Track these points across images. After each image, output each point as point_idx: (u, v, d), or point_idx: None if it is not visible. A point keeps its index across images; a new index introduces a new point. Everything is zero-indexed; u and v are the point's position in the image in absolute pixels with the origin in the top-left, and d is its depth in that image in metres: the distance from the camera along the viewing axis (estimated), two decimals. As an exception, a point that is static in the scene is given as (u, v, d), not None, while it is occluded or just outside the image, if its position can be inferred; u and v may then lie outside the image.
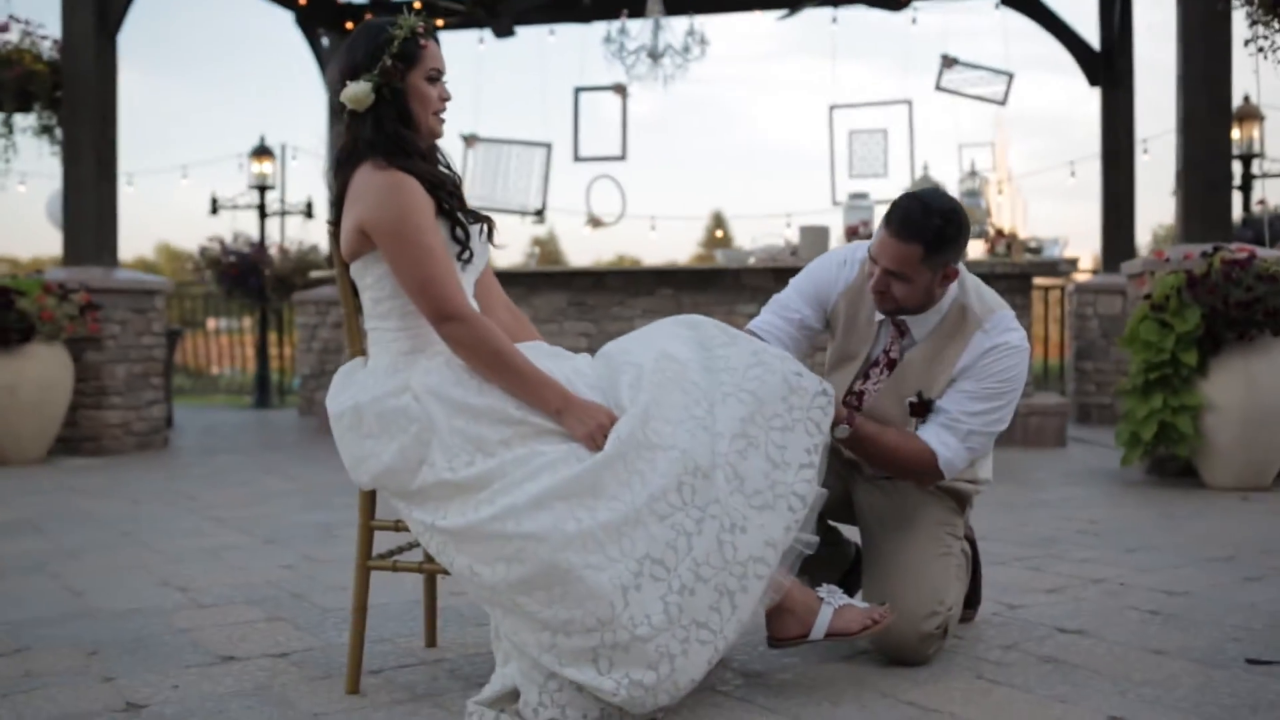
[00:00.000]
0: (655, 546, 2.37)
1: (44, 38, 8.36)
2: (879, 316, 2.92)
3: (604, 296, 9.27)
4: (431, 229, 2.54)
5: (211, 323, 17.04)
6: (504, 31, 10.84)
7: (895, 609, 2.76)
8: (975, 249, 8.71)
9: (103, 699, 2.59)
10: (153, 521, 5.11)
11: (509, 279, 9.48)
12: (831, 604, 2.63)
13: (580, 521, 2.35)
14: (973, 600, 3.22)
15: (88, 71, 8.11)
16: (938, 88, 10.17)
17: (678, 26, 9.63)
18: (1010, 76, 10.11)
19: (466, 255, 2.62)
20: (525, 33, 11.34)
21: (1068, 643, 3.00)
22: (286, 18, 11.05)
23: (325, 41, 11.53)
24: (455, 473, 2.41)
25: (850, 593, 3.15)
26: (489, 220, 2.78)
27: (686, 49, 9.41)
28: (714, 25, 10.41)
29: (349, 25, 11.37)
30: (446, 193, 2.62)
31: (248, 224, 19.02)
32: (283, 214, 13.32)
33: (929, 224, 2.70)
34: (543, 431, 2.48)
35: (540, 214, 11.82)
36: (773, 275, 8.32)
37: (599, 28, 10.45)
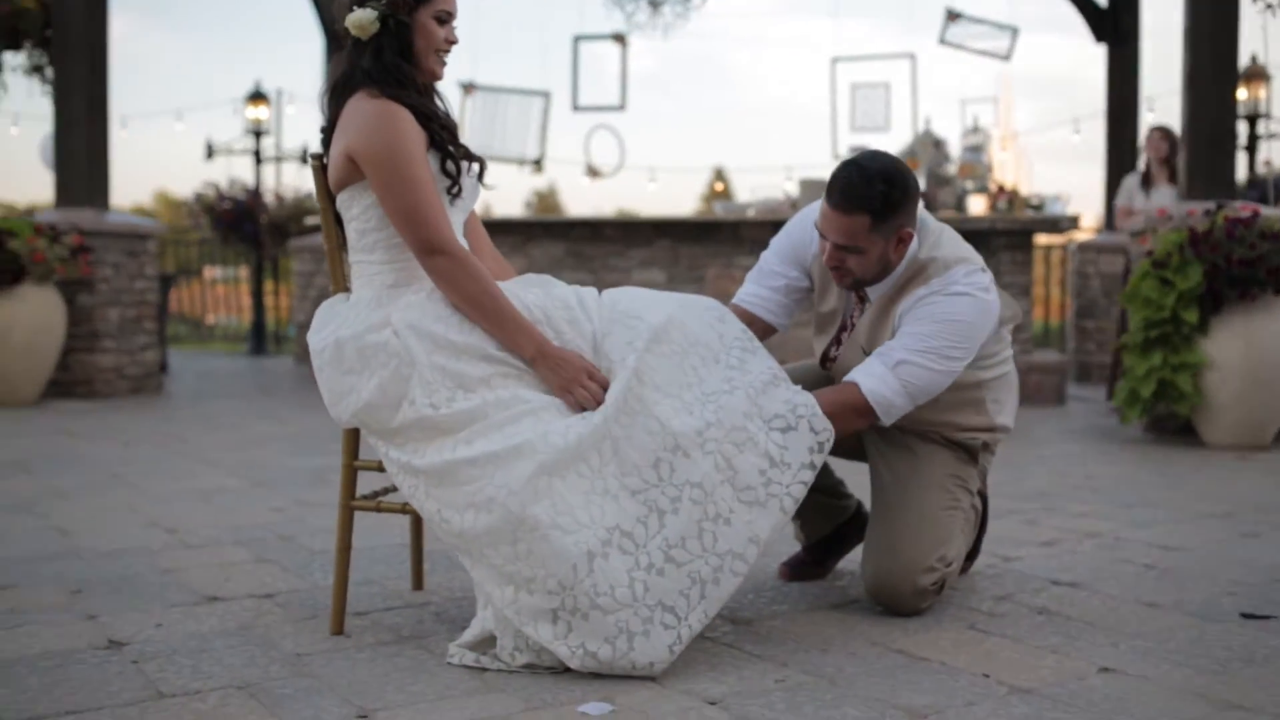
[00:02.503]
0: (625, 519, 2.33)
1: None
2: None
3: (601, 247, 9.20)
4: (421, 160, 2.48)
5: (209, 271, 16.95)
6: (504, -23, 10.68)
7: (894, 560, 2.72)
8: (976, 204, 8.65)
9: (86, 636, 2.56)
10: (143, 464, 5.07)
11: (506, 228, 9.41)
12: None
13: (551, 478, 2.30)
14: (971, 553, 3.19)
15: (77, 8, 7.98)
16: (941, 41, 10.05)
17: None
18: (1014, 31, 9.99)
19: (456, 190, 2.56)
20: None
21: (1062, 595, 2.97)
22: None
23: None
24: (436, 410, 2.37)
25: (841, 550, 3.11)
26: (481, 160, 2.73)
27: (688, -2, 9.28)
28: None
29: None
30: (439, 126, 2.56)
31: (243, 170, 18.89)
32: (278, 160, 13.21)
33: (872, 191, 2.57)
34: (525, 372, 2.43)
35: (538, 164, 11.74)
36: (771, 228, 8.22)
37: (599, -26, 10.34)
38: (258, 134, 12.83)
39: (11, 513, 3.95)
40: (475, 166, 2.68)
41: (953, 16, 10.02)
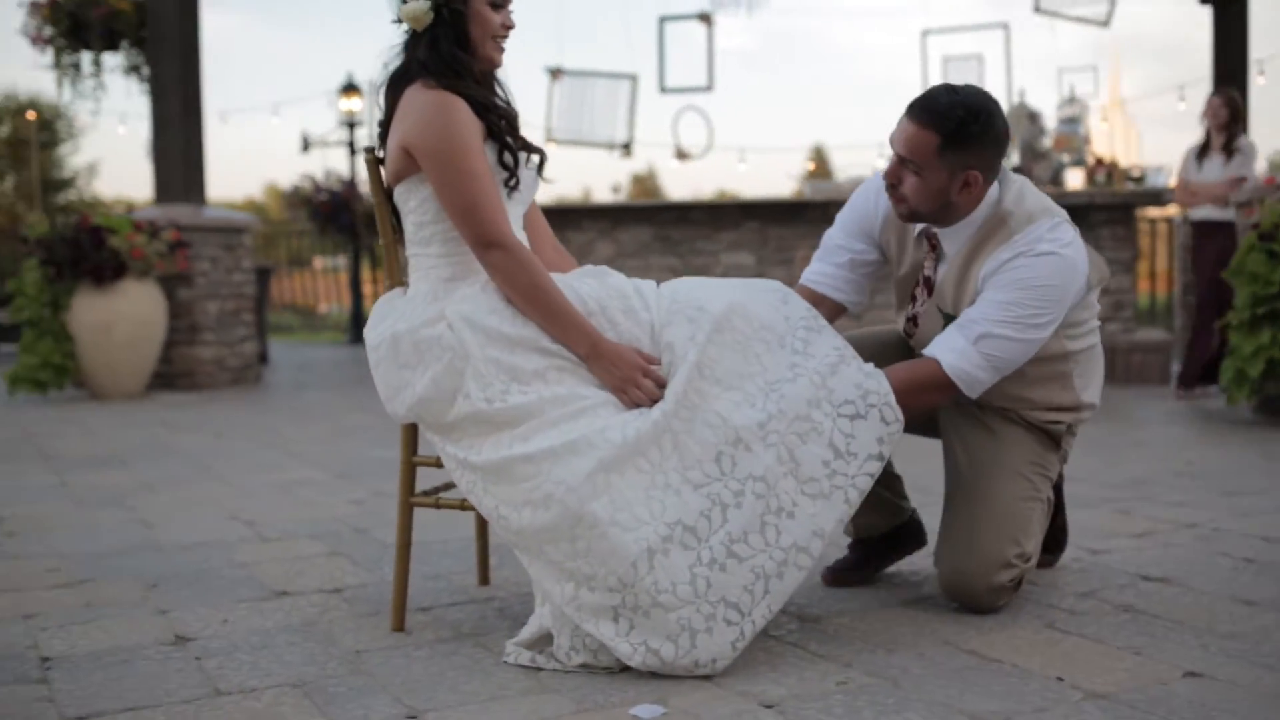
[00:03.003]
0: (688, 513, 2.27)
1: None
2: (917, 229, 2.70)
3: (689, 230, 9.13)
4: (478, 151, 2.45)
5: (318, 261, 17.28)
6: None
7: (970, 555, 2.61)
8: (1074, 178, 8.38)
9: (154, 632, 2.59)
10: (233, 456, 5.16)
11: (595, 214, 9.39)
12: None
13: (610, 474, 2.26)
14: (1052, 544, 3.06)
15: (170, 8, 8.15)
16: (1036, 10, 9.73)
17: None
18: (1115, -4, 9.63)
19: (513, 182, 2.52)
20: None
21: (1150, 591, 2.84)
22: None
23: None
24: (490, 404, 2.33)
25: (889, 555, 2.99)
26: (541, 152, 2.68)
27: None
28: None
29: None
30: (497, 116, 2.52)
31: (339, 161, 19.19)
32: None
33: (951, 113, 2.44)
34: (580, 364, 2.39)
35: (627, 147, 11.69)
36: (862, 208, 8.08)
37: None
38: (351, 125, 13.00)
39: (101, 506, 4.04)
40: (535, 158, 2.64)
41: (1049, -17, 9.69)
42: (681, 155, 11.93)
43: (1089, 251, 2.65)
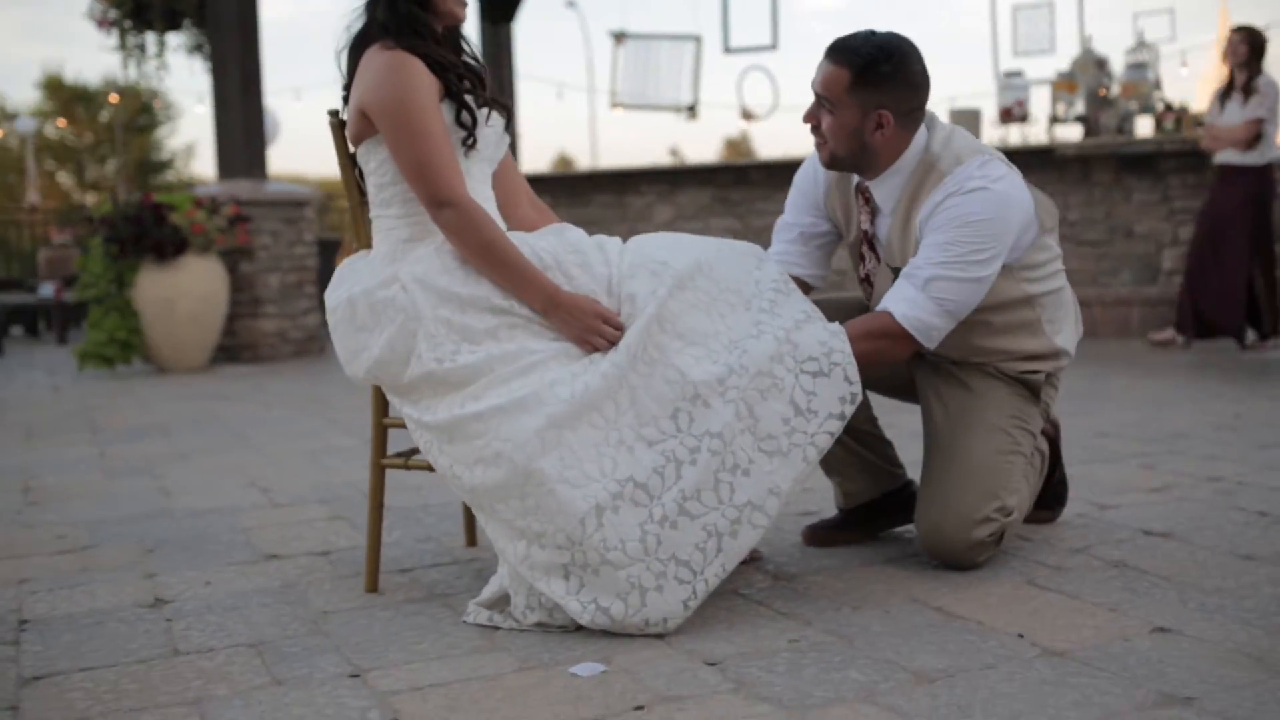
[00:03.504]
0: (639, 470, 2.24)
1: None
2: (855, 187, 2.68)
3: (748, 191, 9.04)
4: (432, 110, 2.43)
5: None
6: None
7: (945, 510, 2.56)
8: (1144, 126, 8.09)
9: (135, 595, 2.65)
10: (274, 424, 5.25)
11: (652, 177, 9.35)
12: None
13: (561, 430, 2.24)
14: (1051, 500, 2.97)
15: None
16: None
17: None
18: (1191, -65, 9.24)
19: (470, 141, 2.50)
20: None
21: (1147, 546, 2.74)
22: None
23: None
24: (441, 364, 2.33)
25: (879, 523, 2.91)
26: (507, 108, 2.66)
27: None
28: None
29: (494, -74, 11.26)
30: (455, 75, 2.51)
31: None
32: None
33: (863, 50, 2.48)
34: (531, 321, 2.37)
35: (693, 109, 11.60)
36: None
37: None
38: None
39: (129, 475, 4.14)
40: (501, 115, 2.61)
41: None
42: (747, 116, 11.80)
43: (1034, 192, 2.60)
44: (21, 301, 11.16)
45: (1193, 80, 13.17)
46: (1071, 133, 8.29)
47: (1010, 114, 7.98)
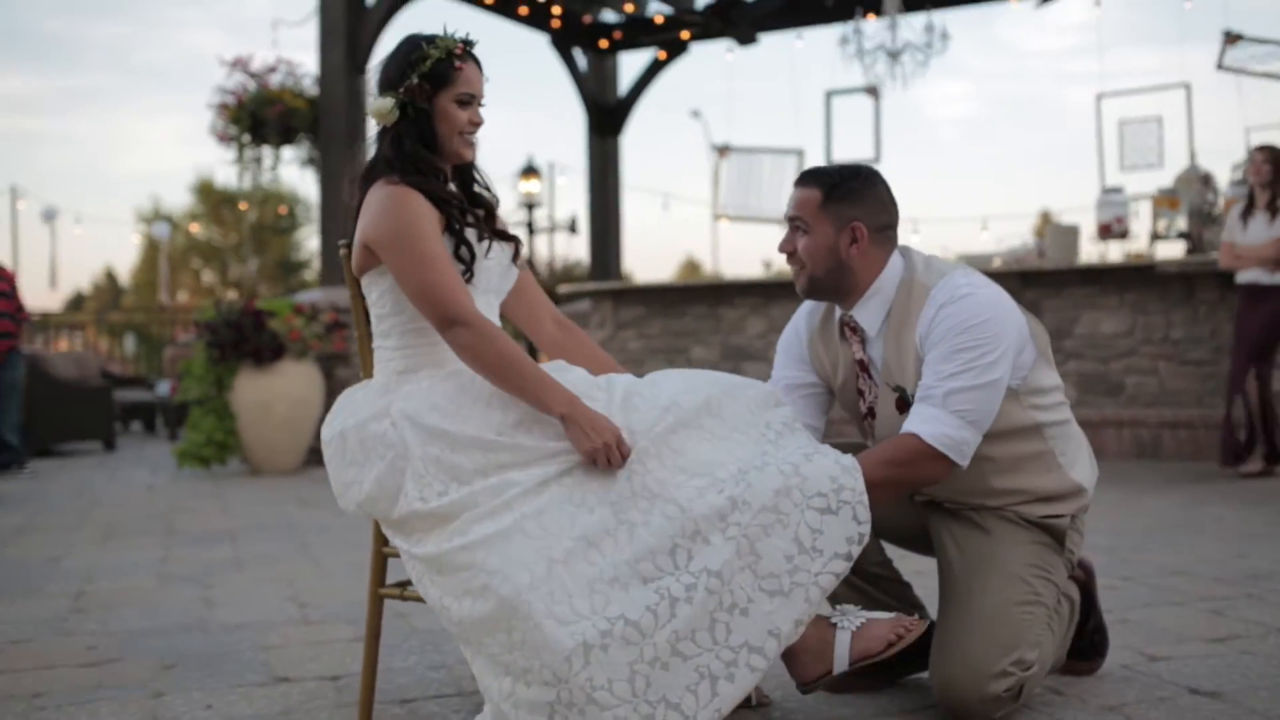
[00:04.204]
0: (632, 607, 2.17)
1: (304, 75, 8.97)
2: (836, 326, 2.66)
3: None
4: (433, 237, 2.45)
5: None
6: (746, 39, 10.70)
7: (960, 662, 2.42)
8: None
9: (135, 715, 2.65)
10: (337, 532, 5.30)
11: (745, 289, 9.33)
12: (847, 627, 2.35)
13: (554, 565, 2.19)
14: (1089, 650, 2.80)
15: (339, 104, 8.62)
16: (1219, 67, 9.19)
17: (916, 23, 9.17)
18: (1307, 48, 8.99)
19: (468, 276, 2.50)
20: (772, 40, 11.17)
21: (1189, 707, 2.54)
22: (542, 39, 11.35)
23: (581, 61, 11.76)
24: (426, 503, 2.31)
25: (904, 670, 2.74)
26: (516, 240, 2.67)
27: (928, 45, 8.94)
28: (957, 20, 9.85)
29: (602, 43, 11.57)
30: (457, 210, 2.53)
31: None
32: (551, 229, 13.73)
33: (830, 170, 2.59)
34: (522, 459, 2.33)
35: (794, 222, 11.58)
36: (1019, 279, 7.73)
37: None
38: (530, 206, 13.40)
39: (180, 583, 4.20)
40: (505, 249, 2.62)
41: (1231, 39, 9.14)
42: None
43: (1024, 312, 2.57)
44: (139, 399, 11.61)
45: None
46: (1174, 249, 8.04)
47: (1109, 230, 7.78)
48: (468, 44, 2.58)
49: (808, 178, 2.60)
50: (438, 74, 2.52)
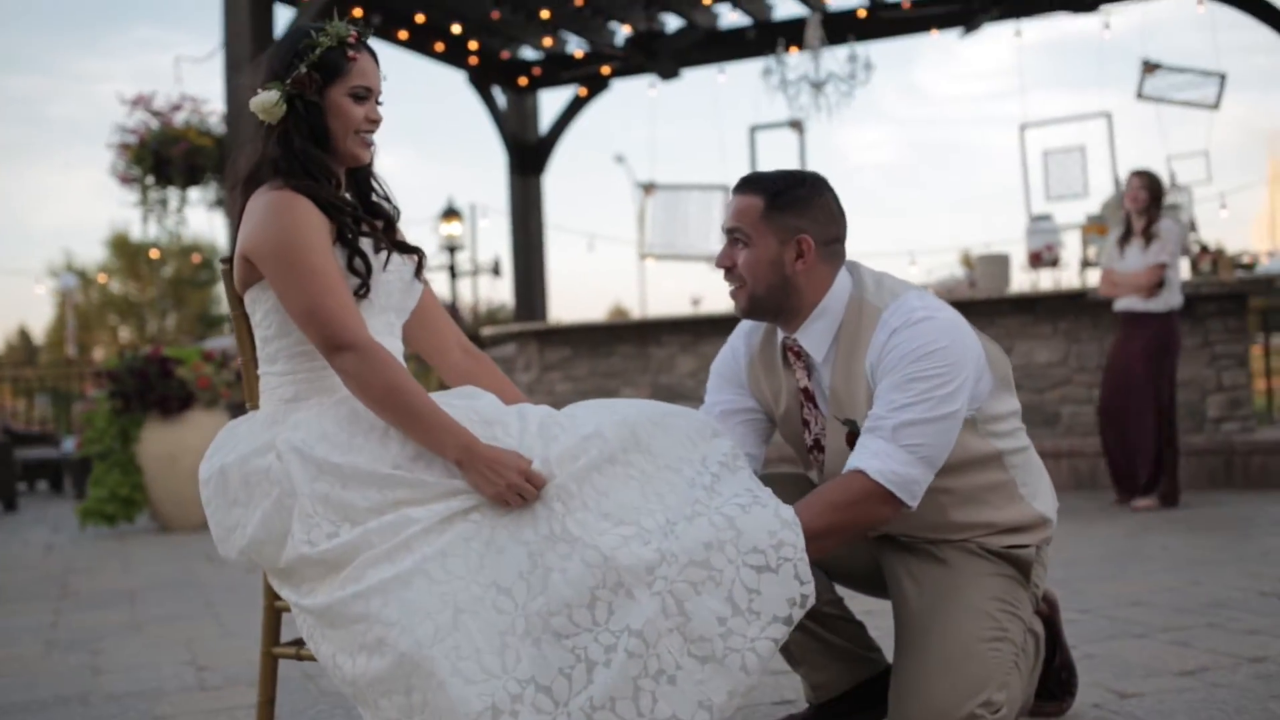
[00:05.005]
0: (544, 670, 1.90)
1: (210, 113, 8.65)
2: (778, 351, 2.39)
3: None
4: (323, 250, 2.17)
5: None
6: (668, 73, 10.58)
7: (921, 707, 2.19)
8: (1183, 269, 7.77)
9: (-6, 803, 2.33)
10: (247, 590, 4.94)
11: (674, 327, 9.12)
12: None
13: (460, 614, 1.92)
14: (1057, 689, 2.58)
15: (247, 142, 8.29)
16: (1139, 96, 9.23)
17: (840, 54, 9.09)
18: (1222, 78, 9.07)
19: (364, 290, 2.24)
20: (695, 75, 11.06)
21: (1169, 748, 2.34)
22: (460, 77, 11.13)
23: (500, 99, 11.56)
24: (315, 546, 2.03)
25: (860, 714, 2.51)
26: (419, 252, 2.42)
27: (851, 75, 8.86)
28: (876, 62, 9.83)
29: (521, 80, 11.39)
30: (351, 218, 2.26)
31: (440, 286, 19.44)
32: (474, 273, 13.46)
33: (772, 176, 2.30)
34: (422, 496, 2.05)
35: (721, 259, 11.43)
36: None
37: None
38: (451, 249, 13.12)
39: (67, 650, 3.84)
40: (406, 263, 2.36)
41: (1150, 68, 9.19)
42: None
43: (983, 339, 2.31)
44: (45, 456, 11.08)
45: (1236, 222, 12.87)
46: (1104, 277, 7.96)
47: (1039, 258, 7.71)
48: (362, 32, 2.33)
49: (748, 184, 2.31)
50: (329, 64, 2.26)
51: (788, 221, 2.25)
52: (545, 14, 9.66)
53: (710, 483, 2.12)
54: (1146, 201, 6.25)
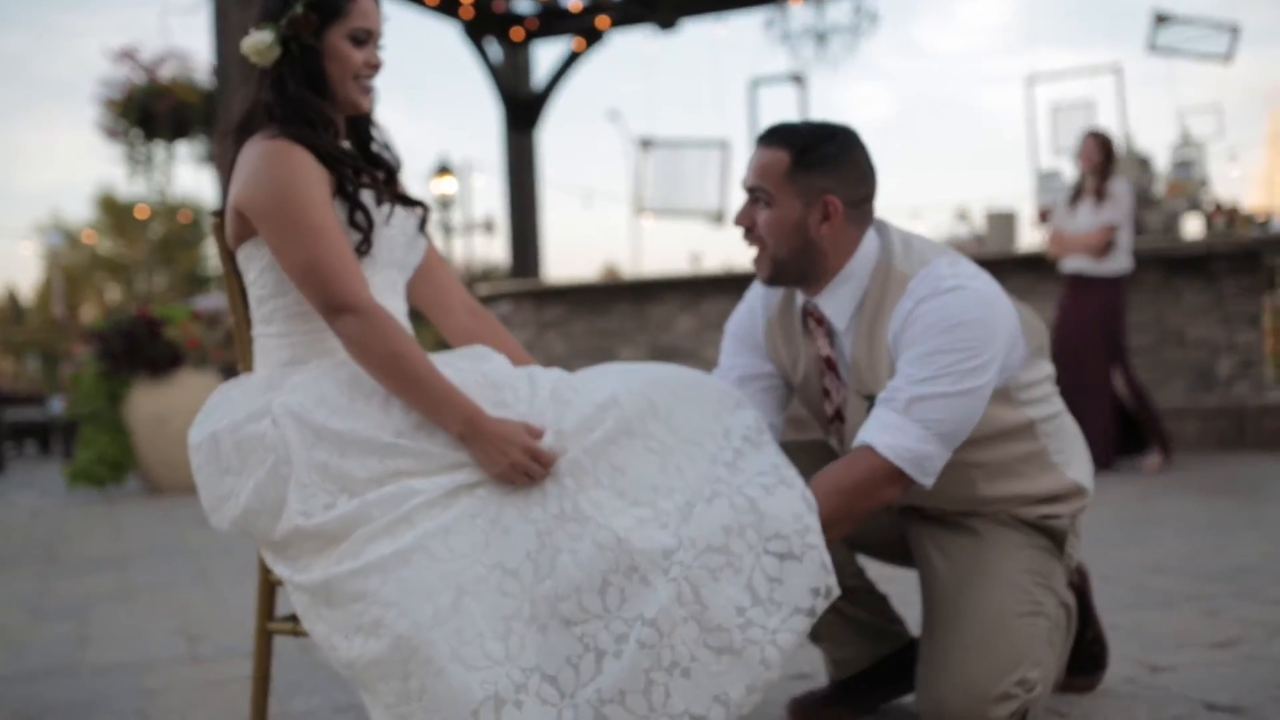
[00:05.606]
0: (550, 659, 1.77)
1: (196, 69, 8.44)
2: (798, 313, 2.23)
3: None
4: (322, 204, 2.02)
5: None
6: (667, 23, 10.34)
7: (954, 685, 2.07)
8: (1192, 226, 7.62)
9: (-26, 787, 2.21)
10: (241, 555, 4.83)
11: (673, 286, 8.98)
12: None
13: (462, 595, 1.78)
14: (1087, 664, 2.46)
15: (236, 97, 8.10)
16: (1150, 48, 9.04)
17: (844, 4, 8.90)
18: (1235, 30, 8.88)
19: (365, 246, 2.09)
20: (694, 27, 10.82)
21: (1210, 727, 2.22)
22: (454, 29, 10.90)
23: (495, 52, 11.33)
24: (310, 518, 1.89)
25: (878, 694, 2.40)
26: (423, 206, 2.26)
27: (856, 26, 8.67)
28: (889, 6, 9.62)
29: (516, 33, 11.16)
30: (351, 169, 2.11)
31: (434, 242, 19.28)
32: (468, 230, 13.27)
33: (802, 130, 2.09)
34: (426, 467, 1.92)
35: (720, 217, 11.28)
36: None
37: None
38: (445, 206, 12.93)
39: (55, 618, 3.72)
40: (410, 216, 2.21)
41: (1161, 20, 9.00)
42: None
43: (1017, 306, 2.15)
44: (32, 417, 10.93)
45: (1245, 180, 12.72)
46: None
47: (1047, 215, 7.54)
48: None
49: (774, 137, 2.11)
50: (328, 4, 2.09)
51: (814, 181, 2.08)
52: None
53: (733, 459, 1.98)
54: (1100, 161, 6.08)
